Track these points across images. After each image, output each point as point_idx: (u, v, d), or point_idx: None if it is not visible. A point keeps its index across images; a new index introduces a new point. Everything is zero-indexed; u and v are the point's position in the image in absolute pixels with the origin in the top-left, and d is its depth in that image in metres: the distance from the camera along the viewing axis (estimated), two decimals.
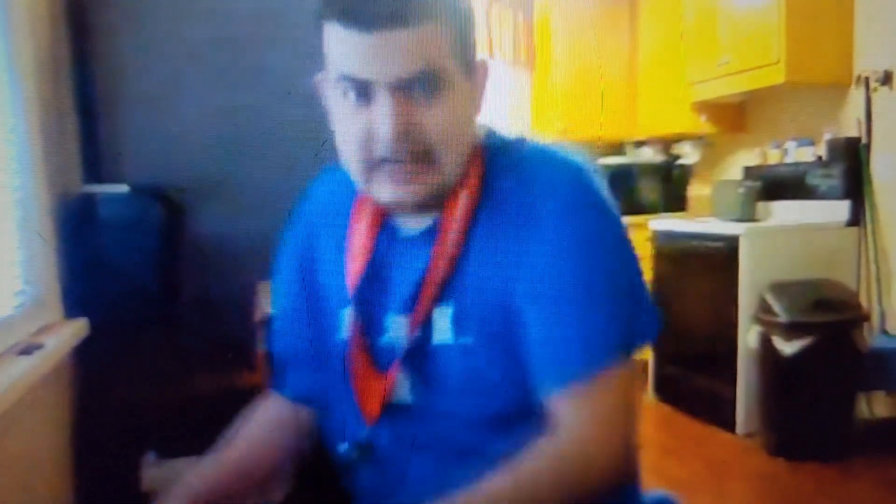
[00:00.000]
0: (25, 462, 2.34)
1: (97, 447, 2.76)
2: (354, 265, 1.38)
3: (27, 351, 2.28)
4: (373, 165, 1.25)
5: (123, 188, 2.87)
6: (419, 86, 1.21)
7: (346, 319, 1.39)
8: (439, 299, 1.31)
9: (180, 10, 3.05)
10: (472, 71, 1.30)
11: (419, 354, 1.32)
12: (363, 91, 1.22)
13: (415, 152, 1.23)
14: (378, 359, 1.35)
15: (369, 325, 1.37)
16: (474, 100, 1.33)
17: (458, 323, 1.30)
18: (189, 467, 1.47)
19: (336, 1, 1.22)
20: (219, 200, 3.09)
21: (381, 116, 1.20)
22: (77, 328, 2.66)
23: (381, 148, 1.23)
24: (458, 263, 1.31)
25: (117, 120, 3.05)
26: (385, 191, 1.27)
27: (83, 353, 2.72)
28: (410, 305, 1.33)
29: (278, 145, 3.07)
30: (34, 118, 2.55)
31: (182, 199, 3.01)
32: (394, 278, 1.37)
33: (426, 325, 1.31)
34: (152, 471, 2.85)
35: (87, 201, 2.84)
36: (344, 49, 1.21)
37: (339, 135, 1.30)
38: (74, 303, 2.70)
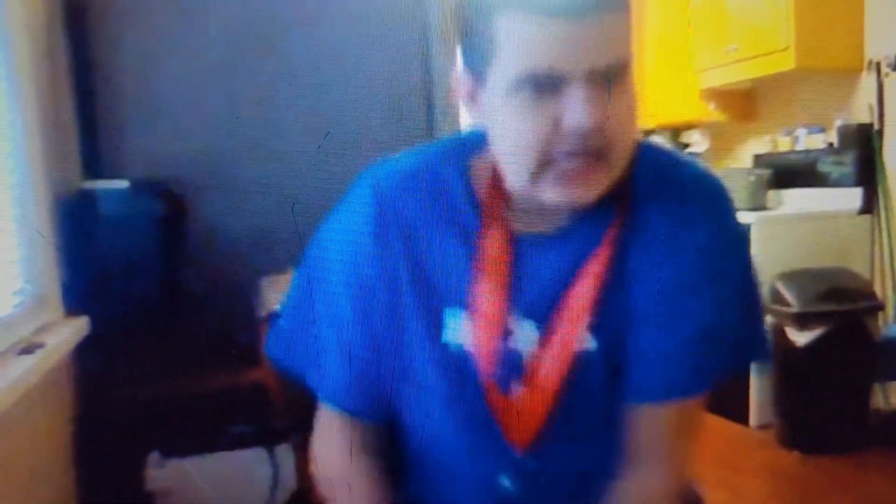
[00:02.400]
0: (28, 462, 2.33)
1: (100, 446, 2.75)
2: (489, 277, 1.29)
3: (28, 350, 2.27)
4: (546, 163, 1.18)
5: (123, 184, 2.85)
6: (609, 77, 1.16)
7: (456, 322, 1.31)
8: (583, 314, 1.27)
9: (180, 7, 3.03)
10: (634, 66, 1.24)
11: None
12: (551, 84, 1.15)
13: (596, 148, 1.17)
14: (502, 373, 1.29)
15: (495, 336, 1.30)
16: (638, 97, 1.25)
17: (596, 329, 1.28)
18: (194, 466, 1.43)
19: None
20: (220, 195, 3.07)
21: (576, 110, 1.14)
22: (78, 326, 2.65)
23: (568, 143, 1.16)
24: (602, 280, 1.28)
25: (116, 115, 3.04)
26: (554, 190, 1.20)
27: (84, 351, 2.70)
28: (546, 315, 1.28)
29: (280, 139, 3.05)
30: (32, 114, 2.54)
31: (182, 194, 2.99)
32: (525, 284, 1.30)
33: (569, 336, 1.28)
34: (156, 470, 2.84)
35: (87, 197, 2.82)
36: (530, 40, 1.14)
37: (505, 134, 1.22)
38: (75, 300, 2.69)
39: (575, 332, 1.26)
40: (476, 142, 1.34)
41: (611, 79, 1.15)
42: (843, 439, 4.15)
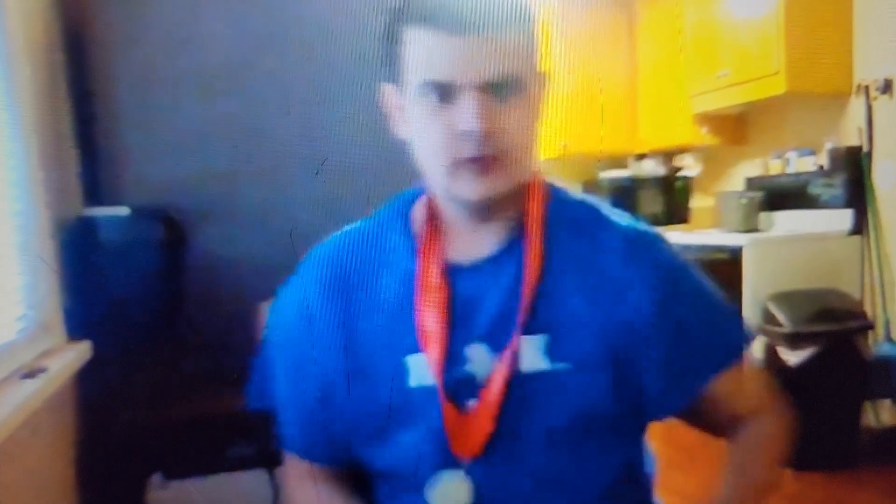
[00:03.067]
0: (30, 486, 2.33)
1: (102, 469, 2.75)
2: (431, 304, 1.36)
3: (31, 374, 2.27)
4: (455, 166, 1.29)
5: (124, 210, 2.87)
6: (501, 89, 1.25)
7: (415, 364, 1.36)
8: (528, 328, 1.33)
9: (179, 33, 3.05)
10: (538, 81, 1.35)
11: (510, 383, 1.33)
12: (448, 93, 1.26)
13: (493, 153, 1.28)
14: (458, 392, 1.35)
15: (449, 360, 1.35)
16: (539, 109, 1.37)
17: (551, 350, 1.34)
18: (196, 488, 1.48)
19: (422, 6, 1.27)
20: (219, 222, 3.08)
21: (468, 117, 1.24)
22: (80, 351, 2.65)
23: (466, 147, 1.27)
24: (541, 291, 1.35)
25: (117, 142, 3.05)
26: (466, 187, 1.31)
27: (87, 376, 2.71)
28: (495, 335, 1.34)
29: (279, 166, 3.07)
30: (32, 142, 2.55)
31: (182, 220, 3.00)
32: (469, 309, 1.36)
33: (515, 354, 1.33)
34: (158, 492, 2.85)
35: (88, 224, 2.83)
36: (430, 53, 1.26)
37: (419, 138, 1.34)
38: (77, 326, 2.70)
39: (520, 352, 1.33)
40: (417, 192, 1.46)
41: (502, 89, 1.25)
42: (835, 457, 4.17)
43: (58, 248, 2.69)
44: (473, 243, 1.40)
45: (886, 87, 4.54)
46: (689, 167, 6.53)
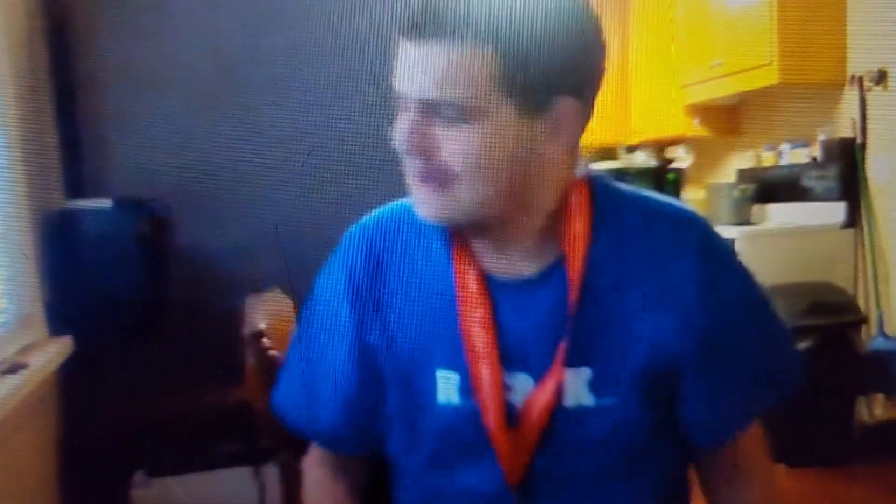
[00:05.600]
0: (11, 483, 2.32)
1: (85, 466, 2.73)
2: (470, 318, 1.29)
3: (12, 370, 2.27)
4: (408, 176, 1.24)
5: (106, 203, 2.85)
6: (443, 110, 1.16)
7: (444, 381, 1.31)
8: (570, 360, 1.27)
9: (162, 24, 3.04)
10: (543, 109, 1.19)
11: (553, 416, 1.28)
12: (401, 104, 1.20)
13: (432, 173, 1.20)
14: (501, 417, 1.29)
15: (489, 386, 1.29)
16: (548, 139, 1.21)
17: (595, 384, 1.28)
18: (179, 486, 1.44)
19: (407, 11, 1.19)
20: (203, 214, 3.07)
21: (399, 129, 1.19)
22: (62, 346, 2.64)
23: (408, 162, 1.22)
24: (584, 320, 1.27)
25: (99, 134, 3.03)
26: (416, 203, 1.26)
27: (69, 371, 2.69)
28: (535, 363, 1.28)
29: (263, 158, 3.05)
30: (14, 134, 2.54)
31: (165, 213, 2.98)
32: (508, 332, 1.29)
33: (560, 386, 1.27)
34: (141, 489, 2.83)
35: (70, 217, 2.82)
36: (398, 58, 1.20)
37: None
38: (59, 320, 2.68)
39: (564, 385, 1.27)
40: None
41: (453, 112, 1.15)
42: (829, 452, 4.16)
43: (39, 241, 2.68)
44: (506, 261, 1.31)
45: (880, 78, 4.51)
46: (681, 159, 6.51)
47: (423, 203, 1.24)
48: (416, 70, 1.16)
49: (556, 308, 1.27)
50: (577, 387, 1.27)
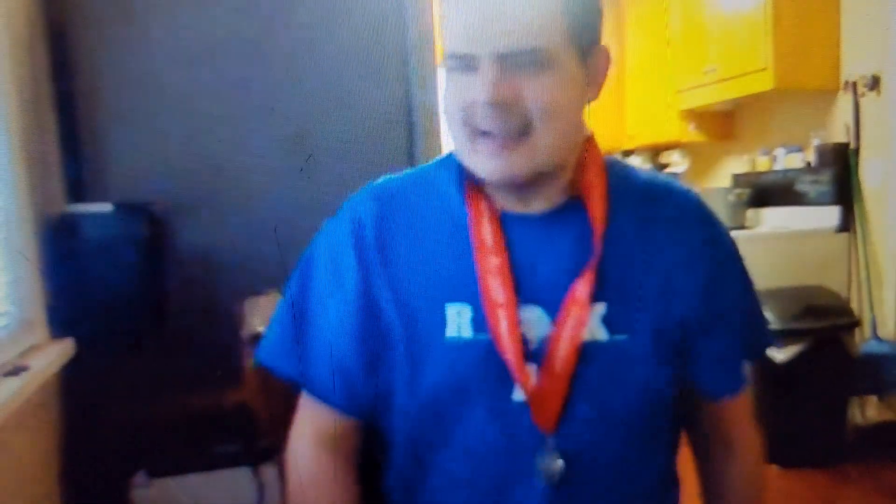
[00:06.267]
0: (14, 484, 2.33)
1: (86, 468, 2.75)
2: (488, 256, 1.32)
3: (13, 372, 2.27)
4: (474, 138, 1.26)
5: (107, 207, 2.86)
6: (523, 60, 1.21)
7: (454, 314, 1.32)
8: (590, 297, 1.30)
9: (162, 28, 3.04)
10: (589, 55, 1.29)
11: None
12: (468, 65, 1.23)
13: (512, 126, 1.23)
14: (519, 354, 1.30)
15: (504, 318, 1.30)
16: (588, 86, 1.32)
17: (609, 321, 1.31)
18: (179, 486, 1.44)
19: None
20: (202, 218, 3.08)
21: (482, 86, 1.21)
22: (63, 348, 2.65)
23: (483, 120, 1.24)
24: (601, 260, 1.32)
25: (99, 138, 3.04)
26: (484, 164, 1.28)
27: (70, 374, 2.70)
28: (550, 298, 1.31)
29: (262, 162, 3.06)
30: (16, 140, 2.55)
31: (165, 216, 2.99)
32: (523, 267, 1.33)
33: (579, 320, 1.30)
34: (142, 490, 2.84)
35: (71, 221, 2.82)
36: (454, 24, 1.24)
37: (446, 112, 1.31)
38: (60, 323, 2.69)
39: (583, 322, 1.29)
40: None
41: (528, 62, 1.21)
42: (822, 453, 4.18)
43: (40, 245, 2.68)
44: (518, 200, 1.35)
45: (874, 84, 4.54)
46: (676, 164, 6.53)
47: (496, 160, 1.26)
48: (494, 26, 1.20)
49: (571, 245, 1.33)
50: (592, 322, 1.30)
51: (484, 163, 1.27)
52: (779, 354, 4.12)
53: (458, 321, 1.32)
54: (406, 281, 1.35)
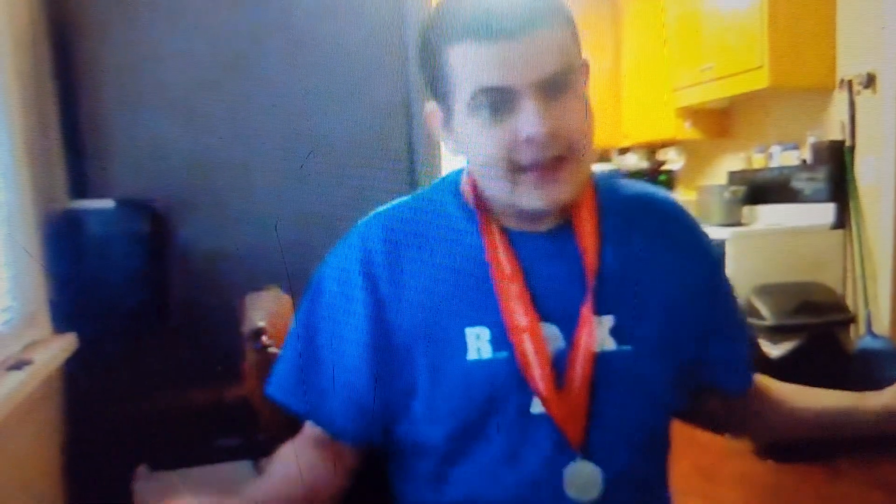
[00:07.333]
0: (17, 476, 2.34)
1: (88, 461, 2.76)
2: (507, 283, 1.32)
3: (17, 366, 2.28)
4: (516, 174, 1.26)
5: (109, 203, 2.87)
6: (555, 87, 1.22)
7: (474, 338, 1.31)
8: (599, 309, 1.32)
9: (165, 24, 3.05)
10: (584, 71, 1.32)
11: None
12: (505, 100, 1.22)
13: (558, 153, 1.24)
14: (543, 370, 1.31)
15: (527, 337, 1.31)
16: (587, 99, 1.32)
17: (617, 332, 1.33)
18: (181, 479, 1.42)
19: (462, 22, 1.23)
20: (204, 214, 3.08)
21: (531, 120, 1.21)
22: (66, 343, 2.66)
23: (529, 153, 1.23)
24: (601, 273, 1.34)
25: (102, 136, 3.05)
26: (530, 196, 1.27)
27: (73, 368, 2.71)
28: (562, 314, 1.32)
29: (263, 159, 3.07)
30: (19, 136, 2.55)
31: (167, 213, 3.00)
32: (534, 285, 1.33)
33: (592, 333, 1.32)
34: (144, 483, 2.85)
35: (73, 217, 2.83)
36: (481, 63, 1.21)
37: (475, 152, 1.29)
38: (63, 318, 2.70)
39: (594, 334, 1.31)
40: (461, 171, 1.44)
41: (558, 86, 1.22)
42: (816, 449, 4.19)
43: (43, 241, 2.70)
44: (537, 220, 1.36)
45: (869, 82, 4.56)
46: (673, 161, 6.54)
47: (541, 190, 1.26)
48: (530, 56, 1.20)
49: (574, 260, 1.34)
50: (602, 334, 1.32)
51: (530, 195, 1.27)
52: (774, 350, 4.14)
53: (477, 344, 1.32)
54: (421, 308, 1.35)
